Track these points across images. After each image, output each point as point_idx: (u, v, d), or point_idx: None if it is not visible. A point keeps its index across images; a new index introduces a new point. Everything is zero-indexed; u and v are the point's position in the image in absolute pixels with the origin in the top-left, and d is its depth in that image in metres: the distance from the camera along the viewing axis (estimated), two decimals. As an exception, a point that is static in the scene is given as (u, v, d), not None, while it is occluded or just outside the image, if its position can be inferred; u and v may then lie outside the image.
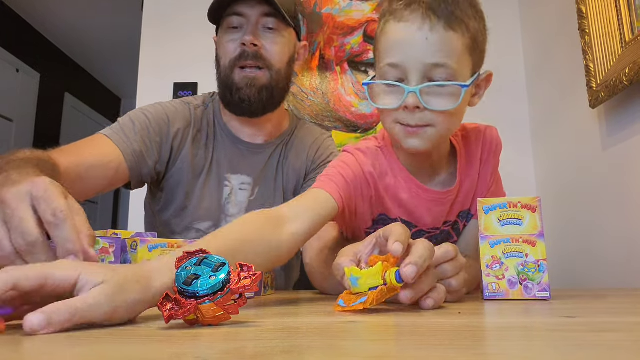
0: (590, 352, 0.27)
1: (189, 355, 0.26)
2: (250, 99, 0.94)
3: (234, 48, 0.94)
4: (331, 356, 0.26)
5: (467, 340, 0.32)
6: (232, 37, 0.94)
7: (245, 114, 0.98)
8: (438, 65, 0.65)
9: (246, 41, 0.92)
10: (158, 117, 0.97)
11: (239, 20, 0.94)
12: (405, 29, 0.66)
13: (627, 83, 1.09)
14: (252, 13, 0.93)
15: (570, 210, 1.49)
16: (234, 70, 0.94)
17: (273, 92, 0.96)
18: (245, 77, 0.93)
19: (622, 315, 0.47)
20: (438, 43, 0.65)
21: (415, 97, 0.65)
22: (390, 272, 0.47)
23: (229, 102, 0.97)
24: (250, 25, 0.93)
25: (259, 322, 0.42)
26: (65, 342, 0.31)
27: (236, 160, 1.02)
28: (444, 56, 0.65)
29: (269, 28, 0.94)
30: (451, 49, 0.66)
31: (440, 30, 0.65)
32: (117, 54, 4.00)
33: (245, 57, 0.93)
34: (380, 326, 0.39)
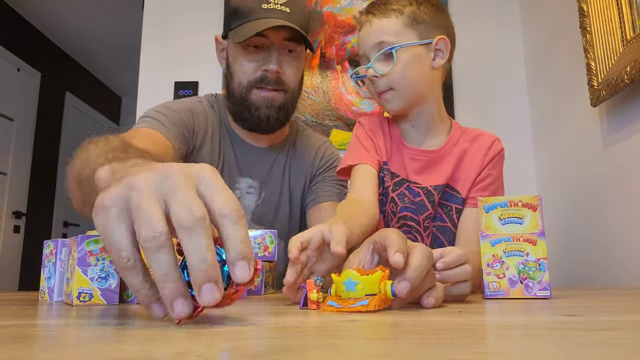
0: (591, 351, 0.27)
1: (190, 354, 0.26)
2: (269, 118, 0.96)
3: (254, 69, 0.94)
4: (331, 355, 0.26)
5: (468, 338, 0.31)
6: (252, 57, 0.94)
7: (261, 131, 1.00)
8: (380, 42, 0.88)
9: (271, 70, 0.93)
10: (185, 111, 0.97)
11: (260, 40, 0.92)
12: (361, 31, 0.92)
13: (629, 81, 1.09)
14: (276, 37, 0.92)
15: (571, 208, 1.49)
16: (251, 90, 0.95)
17: (288, 110, 0.99)
18: (264, 97, 0.95)
19: (623, 313, 0.46)
20: (377, 29, 0.89)
21: (371, 70, 0.89)
22: (387, 285, 0.48)
23: (245, 119, 0.98)
24: (275, 52, 0.93)
25: (259, 321, 0.42)
26: (65, 342, 0.31)
27: (243, 163, 1.02)
28: (380, 35, 0.88)
29: (290, 50, 0.96)
30: (387, 28, 0.88)
31: (374, 21, 0.90)
32: (117, 53, 4.00)
33: (266, 82, 0.94)
34: (380, 325, 0.39)
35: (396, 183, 0.93)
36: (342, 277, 0.50)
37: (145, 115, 0.94)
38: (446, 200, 0.92)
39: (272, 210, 1.03)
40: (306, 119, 1.83)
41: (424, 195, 0.92)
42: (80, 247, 0.60)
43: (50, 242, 0.69)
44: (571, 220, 1.48)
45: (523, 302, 0.56)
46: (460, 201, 0.91)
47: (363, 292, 0.48)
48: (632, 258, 1.17)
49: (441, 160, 0.93)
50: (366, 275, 0.48)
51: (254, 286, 0.78)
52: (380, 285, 0.48)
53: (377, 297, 0.47)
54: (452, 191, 0.92)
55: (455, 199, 0.92)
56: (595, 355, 0.25)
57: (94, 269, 0.59)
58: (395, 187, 0.94)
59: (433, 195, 0.91)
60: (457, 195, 0.92)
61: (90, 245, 0.60)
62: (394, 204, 0.93)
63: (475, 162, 0.92)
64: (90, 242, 0.60)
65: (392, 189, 0.94)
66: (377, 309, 0.46)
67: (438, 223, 0.92)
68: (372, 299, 0.46)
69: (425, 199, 0.92)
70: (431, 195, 0.91)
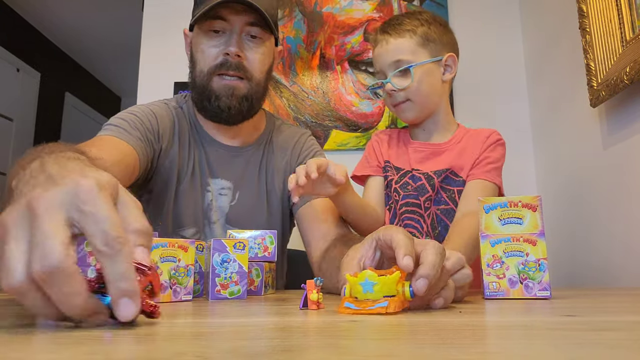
0: (591, 351, 0.27)
1: (189, 354, 0.26)
2: (230, 108, 0.92)
3: (215, 54, 0.91)
4: (332, 355, 0.26)
5: (468, 338, 0.32)
6: (213, 42, 0.91)
7: (222, 121, 0.96)
8: (397, 61, 1.00)
9: (231, 52, 0.89)
10: (147, 115, 0.95)
11: (222, 24, 0.90)
12: (377, 49, 1.04)
13: (628, 82, 1.09)
14: (238, 20, 0.89)
15: (571, 209, 1.49)
16: (212, 78, 0.91)
17: (252, 101, 0.94)
18: (225, 85, 0.91)
19: (622, 314, 0.47)
20: (393, 48, 1.01)
21: (389, 85, 1.01)
22: (405, 285, 0.46)
23: (206, 108, 0.94)
24: (235, 35, 0.90)
25: (259, 321, 0.42)
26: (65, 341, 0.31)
27: (215, 164, 1.00)
28: (397, 54, 1.00)
29: (252, 36, 0.92)
30: (402, 48, 1.00)
31: (391, 40, 1.01)
32: (117, 53, 4.00)
33: (227, 67, 0.90)
34: (381, 325, 0.39)
35: (400, 175, 1.06)
36: (358, 277, 0.48)
37: (108, 123, 0.91)
38: (449, 185, 1.02)
39: (247, 212, 0.99)
40: (306, 119, 1.83)
41: (424, 179, 1.03)
42: (80, 248, 0.60)
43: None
44: (571, 220, 1.48)
45: (523, 303, 0.56)
46: (462, 183, 1.01)
47: (381, 293, 0.46)
48: (632, 258, 1.17)
49: (443, 153, 1.05)
50: (384, 276, 0.47)
51: (254, 286, 0.78)
52: (398, 286, 0.46)
53: (396, 299, 0.45)
54: (455, 177, 1.02)
55: (457, 183, 1.01)
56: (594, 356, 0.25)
57: (94, 270, 0.59)
58: (399, 179, 1.05)
59: (433, 179, 1.02)
60: (460, 179, 1.02)
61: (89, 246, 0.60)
62: (397, 193, 1.04)
63: (475, 150, 1.03)
64: (90, 243, 0.60)
65: (395, 181, 1.06)
66: (397, 310, 0.45)
67: (442, 207, 1.01)
68: (391, 301, 0.45)
69: (425, 182, 1.02)
70: (431, 179, 1.02)
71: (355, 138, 1.80)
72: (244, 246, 0.72)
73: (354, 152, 1.80)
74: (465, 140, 1.06)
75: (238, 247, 0.71)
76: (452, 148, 1.05)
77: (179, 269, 0.65)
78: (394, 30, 1.01)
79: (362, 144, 1.79)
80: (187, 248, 0.67)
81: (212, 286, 0.69)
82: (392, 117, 1.81)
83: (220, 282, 0.69)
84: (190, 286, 0.66)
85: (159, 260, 0.63)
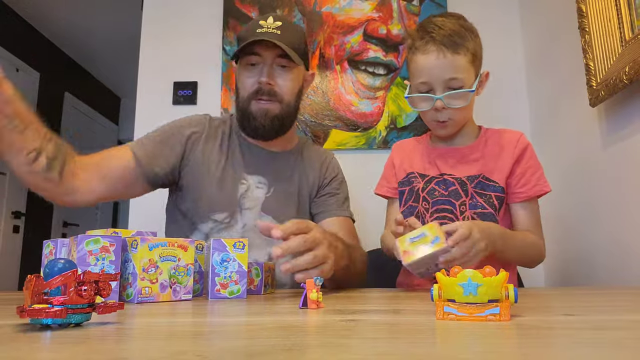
0: (591, 350, 0.27)
1: (190, 353, 0.26)
2: (265, 127, 1.09)
3: (251, 84, 1.08)
4: (332, 354, 0.26)
5: (467, 338, 0.32)
6: (250, 73, 1.08)
7: (259, 137, 1.13)
8: (452, 79, 0.98)
9: (262, 82, 1.06)
10: (175, 125, 1.14)
11: (256, 59, 1.07)
12: (428, 58, 0.99)
13: (627, 82, 1.09)
14: (268, 55, 1.06)
15: (570, 208, 1.49)
16: (251, 102, 1.08)
17: (283, 120, 1.11)
18: (260, 108, 1.08)
19: (622, 313, 0.47)
20: (449, 64, 0.98)
21: (441, 102, 0.99)
22: (510, 289, 0.42)
23: (245, 127, 1.12)
24: (267, 66, 1.07)
25: (259, 320, 0.42)
26: (65, 341, 0.31)
27: (253, 163, 1.14)
28: (454, 72, 0.98)
29: (282, 66, 1.08)
30: (459, 66, 0.98)
31: (449, 56, 0.98)
32: (117, 53, 4.00)
33: (261, 94, 1.07)
34: (380, 324, 0.39)
35: (426, 182, 1.08)
36: (458, 277, 0.42)
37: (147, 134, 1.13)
38: (483, 190, 1.04)
39: (280, 204, 1.13)
40: (305, 118, 1.83)
41: (458, 185, 1.05)
42: (79, 247, 0.60)
43: (50, 242, 0.69)
44: (570, 219, 1.49)
45: (521, 302, 0.56)
46: (499, 189, 1.03)
47: (486, 296, 0.41)
48: (632, 258, 1.17)
49: (472, 156, 1.08)
50: (490, 277, 0.42)
51: (253, 286, 0.78)
52: (503, 290, 0.42)
53: (506, 305, 0.41)
54: (489, 182, 1.04)
55: (493, 188, 1.04)
56: (594, 355, 0.25)
57: (93, 269, 0.59)
58: (425, 186, 1.08)
59: (466, 184, 1.04)
60: (495, 184, 1.04)
61: (89, 245, 0.60)
62: (426, 202, 1.06)
63: (506, 155, 1.05)
64: (90, 242, 0.60)
65: (421, 189, 1.08)
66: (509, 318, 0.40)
67: (479, 210, 1.03)
68: (502, 307, 0.40)
69: (459, 188, 1.04)
70: (464, 185, 1.04)
71: (355, 137, 1.80)
72: (244, 245, 0.72)
73: (354, 151, 1.80)
74: (492, 143, 1.08)
75: (238, 246, 0.72)
76: (480, 151, 1.08)
77: (179, 268, 0.65)
78: (449, 43, 0.98)
79: (361, 144, 1.79)
80: (186, 247, 0.67)
81: (212, 285, 0.69)
82: (391, 117, 1.81)
83: (220, 281, 0.69)
84: (190, 285, 0.66)
85: (159, 260, 0.63)
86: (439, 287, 0.43)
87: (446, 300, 0.43)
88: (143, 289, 0.61)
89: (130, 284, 0.62)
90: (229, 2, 1.93)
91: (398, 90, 1.82)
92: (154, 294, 0.62)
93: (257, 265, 0.80)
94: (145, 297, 0.61)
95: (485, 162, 1.06)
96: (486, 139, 1.09)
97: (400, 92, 1.81)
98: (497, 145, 1.08)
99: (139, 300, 0.61)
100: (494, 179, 1.04)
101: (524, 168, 1.05)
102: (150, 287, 0.62)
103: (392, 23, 1.88)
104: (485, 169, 1.05)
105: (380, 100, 1.82)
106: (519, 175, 1.04)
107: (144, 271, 0.62)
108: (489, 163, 1.06)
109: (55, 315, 0.35)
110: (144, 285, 0.62)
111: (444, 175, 1.07)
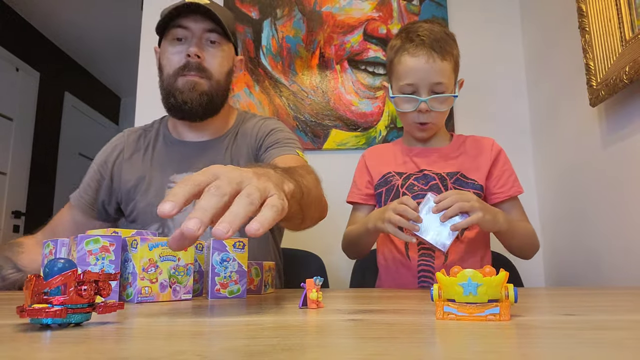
0: (591, 350, 0.27)
1: (189, 353, 0.26)
2: (192, 101, 1.01)
3: (178, 59, 1.01)
4: (332, 354, 0.26)
5: (466, 338, 0.32)
6: (177, 49, 1.02)
7: (186, 117, 1.05)
8: (438, 83, 1.03)
9: (191, 52, 0.99)
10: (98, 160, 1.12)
11: (183, 32, 1.01)
12: (417, 61, 1.03)
13: (627, 81, 1.09)
14: (197, 27, 1.00)
15: (570, 208, 1.49)
16: (177, 78, 1.01)
17: (213, 98, 1.03)
18: (187, 81, 1.00)
19: (622, 313, 0.47)
20: (437, 69, 1.02)
21: (425, 104, 1.04)
22: (510, 289, 0.41)
23: (171, 106, 1.03)
24: (195, 38, 1.01)
25: (259, 320, 0.42)
26: (65, 341, 0.31)
27: (182, 161, 1.07)
28: (440, 77, 1.02)
29: (211, 41, 1.03)
30: (444, 71, 1.03)
31: (437, 61, 1.02)
32: (117, 52, 4.00)
33: (189, 68, 1.00)
34: (379, 324, 0.39)
35: (405, 178, 1.11)
36: (458, 277, 0.42)
37: None
38: (462, 187, 1.08)
39: None
40: (305, 118, 1.83)
41: (438, 179, 1.09)
42: (79, 247, 0.60)
43: (50, 241, 0.69)
44: (570, 219, 1.49)
45: (521, 302, 0.56)
46: (478, 187, 1.09)
47: (486, 296, 0.41)
48: (632, 258, 1.17)
49: (450, 155, 1.13)
50: (490, 277, 0.41)
51: (253, 285, 0.78)
52: (502, 290, 0.41)
53: (506, 305, 0.41)
54: (466, 179, 1.09)
55: (472, 185, 1.09)
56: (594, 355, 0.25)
57: (93, 269, 0.59)
58: (403, 182, 1.11)
59: (446, 180, 1.09)
60: (473, 182, 1.09)
61: (89, 244, 0.60)
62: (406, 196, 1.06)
63: (483, 156, 1.12)
64: (90, 242, 0.60)
65: (400, 185, 1.11)
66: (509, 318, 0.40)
67: None
68: (502, 307, 0.40)
69: (439, 182, 1.09)
70: (444, 180, 1.09)
71: (355, 137, 1.80)
72: (244, 245, 0.72)
73: (354, 151, 1.80)
74: (469, 145, 1.15)
75: (238, 246, 0.71)
76: (458, 151, 1.14)
77: (179, 268, 0.65)
78: (438, 48, 1.02)
79: (361, 144, 1.79)
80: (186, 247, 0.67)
81: (212, 285, 0.69)
82: (391, 116, 1.81)
83: (219, 281, 0.69)
84: (190, 285, 0.66)
85: (159, 259, 0.63)
86: (439, 287, 0.43)
87: (446, 300, 0.42)
88: (143, 289, 0.61)
89: (130, 284, 0.62)
90: (229, 2, 1.93)
91: (398, 90, 1.82)
92: (154, 293, 0.62)
93: (256, 265, 0.80)
94: (145, 296, 0.61)
95: (463, 161, 1.12)
96: (462, 141, 1.16)
97: (400, 92, 1.81)
98: (473, 147, 1.14)
99: (139, 300, 0.61)
100: (472, 177, 1.09)
101: (501, 170, 1.12)
102: (150, 286, 0.62)
103: (392, 23, 1.88)
104: (462, 167, 1.10)
105: (380, 100, 1.82)
106: (496, 177, 1.11)
107: (144, 271, 0.62)
108: (466, 162, 1.12)
109: (55, 315, 0.35)
110: (144, 285, 0.62)
111: (424, 171, 1.11)
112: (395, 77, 1.08)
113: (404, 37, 1.06)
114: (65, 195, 1.12)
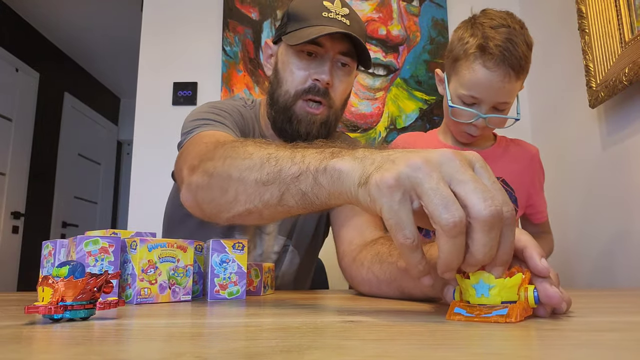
0: (590, 352, 0.27)
1: (188, 355, 0.26)
2: (309, 135, 0.91)
3: (304, 78, 0.89)
4: (331, 356, 0.26)
5: (466, 340, 0.32)
6: (304, 64, 0.89)
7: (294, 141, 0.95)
8: (503, 103, 0.96)
9: (322, 80, 0.88)
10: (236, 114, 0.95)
11: (316, 49, 0.88)
12: (491, 77, 0.93)
13: (627, 83, 1.09)
14: (333, 48, 0.88)
15: (570, 209, 1.49)
16: (297, 101, 0.90)
17: (329, 127, 0.93)
18: (308, 112, 0.90)
19: (622, 314, 0.47)
20: (509, 90, 0.94)
21: (484, 121, 0.97)
22: (528, 290, 0.40)
23: (284, 130, 0.93)
24: (328, 62, 0.89)
25: (258, 322, 0.42)
26: (64, 342, 0.31)
27: None
28: (509, 97, 0.96)
29: (343, 64, 0.91)
30: (514, 91, 0.96)
31: (512, 81, 0.94)
32: (116, 53, 4.00)
33: (314, 92, 0.89)
34: (380, 326, 0.39)
35: None
36: (472, 279, 0.41)
37: (200, 119, 0.87)
38: None
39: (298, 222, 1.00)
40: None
41: None
42: (78, 248, 0.60)
43: (49, 242, 0.69)
44: (569, 220, 1.49)
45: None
46: (514, 199, 1.05)
47: (499, 298, 0.40)
48: (631, 259, 1.17)
49: (494, 158, 1.06)
50: (503, 279, 0.40)
51: (253, 287, 0.78)
52: (520, 291, 0.40)
53: (518, 306, 0.39)
54: (507, 187, 1.05)
55: (510, 194, 1.05)
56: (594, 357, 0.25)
57: (92, 270, 0.59)
58: None
59: None
60: (512, 192, 1.06)
61: (89, 245, 0.60)
62: None
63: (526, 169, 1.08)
64: (89, 243, 0.60)
65: None
66: (520, 319, 0.39)
67: None
68: (512, 308, 0.39)
69: None
70: None
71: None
72: (243, 246, 0.72)
73: (353, 152, 1.80)
74: (512, 151, 1.09)
75: (237, 247, 0.71)
76: (500, 155, 1.08)
77: (178, 269, 0.65)
78: (518, 70, 0.93)
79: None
80: (186, 248, 0.67)
81: (211, 286, 0.69)
82: (391, 117, 1.81)
83: (219, 282, 0.69)
84: (189, 286, 0.66)
85: (158, 261, 0.63)
86: (458, 288, 0.44)
87: (463, 301, 0.42)
88: (142, 290, 0.61)
89: (130, 285, 0.62)
90: (229, 3, 1.93)
91: (398, 90, 1.82)
92: (153, 294, 0.62)
93: (256, 267, 0.79)
94: (144, 298, 0.61)
95: (504, 167, 1.06)
96: (506, 144, 1.11)
97: (400, 93, 1.81)
98: (518, 154, 1.09)
99: (138, 301, 0.61)
100: (512, 185, 1.06)
101: (538, 190, 1.10)
102: (150, 288, 0.62)
103: (392, 24, 1.88)
104: (504, 173, 1.05)
105: (380, 101, 1.82)
106: (536, 196, 1.09)
107: (143, 272, 0.62)
108: (507, 168, 1.06)
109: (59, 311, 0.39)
110: (143, 286, 0.61)
111: None
112: (458, 81, 0.98)
113: (481, 42, 0.94)
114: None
